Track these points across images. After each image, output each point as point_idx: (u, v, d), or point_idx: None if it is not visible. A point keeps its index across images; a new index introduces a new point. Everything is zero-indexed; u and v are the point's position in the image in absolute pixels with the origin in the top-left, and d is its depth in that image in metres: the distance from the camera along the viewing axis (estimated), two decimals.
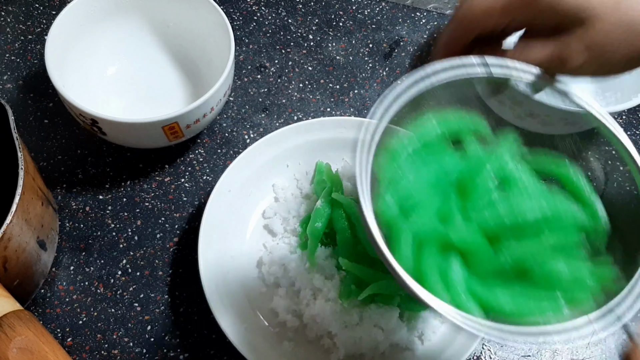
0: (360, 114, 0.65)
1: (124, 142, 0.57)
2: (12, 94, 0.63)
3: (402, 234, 0.34)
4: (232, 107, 0.64)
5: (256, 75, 0.67)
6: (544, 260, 0.35)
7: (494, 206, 0.35)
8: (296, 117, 0.64)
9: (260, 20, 0.71)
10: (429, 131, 0.38)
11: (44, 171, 0.59)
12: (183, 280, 0.55)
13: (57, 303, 0.53)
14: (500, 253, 0.35)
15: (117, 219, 0.57)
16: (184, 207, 0.58)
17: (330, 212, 0.53)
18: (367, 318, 0.51)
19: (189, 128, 0.55)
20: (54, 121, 0.62)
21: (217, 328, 0.49)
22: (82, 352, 0.52)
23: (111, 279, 0.55)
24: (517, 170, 0.37)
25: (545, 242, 0.35)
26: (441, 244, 0.35)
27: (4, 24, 0.68)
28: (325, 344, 0.51)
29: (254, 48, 0.68)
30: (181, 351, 0.52)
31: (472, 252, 0.35)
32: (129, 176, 0.60)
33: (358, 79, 0.67)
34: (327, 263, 0.53)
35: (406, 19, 0.72)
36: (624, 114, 0.66)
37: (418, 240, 0.34)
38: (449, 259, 0.35)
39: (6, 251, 0.44)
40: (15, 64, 0.65)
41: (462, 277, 0.34)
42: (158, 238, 0.57)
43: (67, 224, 0.57)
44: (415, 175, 0.36)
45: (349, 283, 0.51)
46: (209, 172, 0.60)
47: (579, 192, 0.39)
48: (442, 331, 0.51)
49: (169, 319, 0.53)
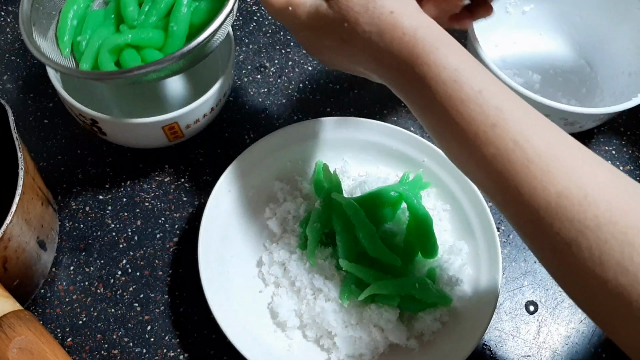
0: (361, 114, 0.65)
1: (124, 142, 0.57)
2: (12, 94, 0.63)
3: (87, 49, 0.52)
4: (232, 107, 0.64)
5: (256, 75, 0.67)
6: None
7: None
8: (296, 117, 0.64)
9: (260, 20, 0.71)
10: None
11: (44, 171, 0.59)
12: (183, 280, 0.55)
13: (57, 303, 0.53)
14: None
15: (117, 219, 0.58)
16: (184, 207, 0.58)
17: (329, 212, 0.53)
18: (367, 318, 0.51)
19: (189, 128, 0.55)
20: (54, 121, 0.62)
21: (217, 328, 0.49)
22: (82, 352, 0.52)
23: (111, 279, 0.55)
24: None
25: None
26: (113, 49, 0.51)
27: (4, 24, 0.68)
28: (325, 344, 0.51)
29: (254, 48, 0.68)
30: (181, 351, 0.52)
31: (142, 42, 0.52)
32: (129, 176, 0.60)
33: (358, 79, 0.67)
34: (327, 263, 0.53)
35: None
36: (624, 114, 0.66)
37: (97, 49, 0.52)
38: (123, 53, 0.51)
39: (6, 251, 0.45)
40: (15, 64, 0.65)
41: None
42: (158, 238, 0.57)
43: (67, 224, 0.57)
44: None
45: (349, 283, 0.51)
46: (209, 172, 0.60)
47: None
48: (442, 331, 0.51)
49: (169, 319, 0.53)
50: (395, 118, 0.65)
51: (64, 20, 0.53)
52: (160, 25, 0.54)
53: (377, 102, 0.66)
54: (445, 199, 0.57)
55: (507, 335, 0.54)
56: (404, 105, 0.65)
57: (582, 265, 0.33)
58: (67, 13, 0.54)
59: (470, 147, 0.36)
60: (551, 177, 0.34)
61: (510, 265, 0.57)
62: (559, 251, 0.34)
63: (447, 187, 0.57)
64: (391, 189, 0.54)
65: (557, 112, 0.55)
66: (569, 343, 0.54)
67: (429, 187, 0.57)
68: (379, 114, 0.65)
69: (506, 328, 0.55)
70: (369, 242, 0.51)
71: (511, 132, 0.35)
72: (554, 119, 0.57)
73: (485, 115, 0.35)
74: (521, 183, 0.34)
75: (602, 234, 0.32)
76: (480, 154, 0.36)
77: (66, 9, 0.54)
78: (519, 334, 0.54)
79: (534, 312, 0.55)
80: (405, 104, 0.42)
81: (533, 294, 0.56)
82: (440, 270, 0.53)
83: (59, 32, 0.53)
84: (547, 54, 0.68)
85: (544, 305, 0.56)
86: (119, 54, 0.52)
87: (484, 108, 0.36)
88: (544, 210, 0.34)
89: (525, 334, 0.54)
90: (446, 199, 0.57)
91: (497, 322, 0.55)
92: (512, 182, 0.35)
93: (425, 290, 0.50)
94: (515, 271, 0.57)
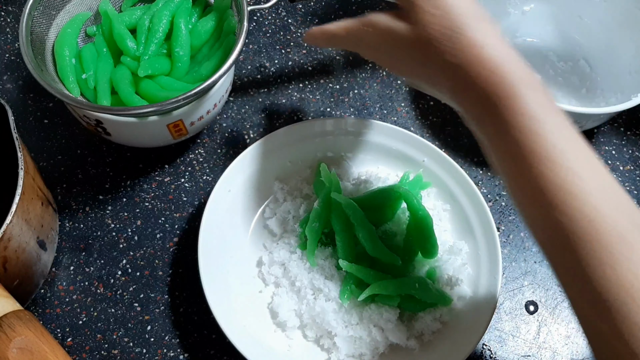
0: (360, 114, 0.65)
1: (127, 142, 0.57)
2: (12, 94, 0.63)
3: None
4: (232, 107, 0.64)
5: (256, 75, 0.67)
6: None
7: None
8: (296, 117, 0.64)
9: (260, 20, 0.71)
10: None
11: (44, 171, 0.59)
12: (183, 280, 0.55)
13: (57, 303, 0.53)
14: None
15: (117, 219, 0.58)
16: (184, 207, 0.58)
17: (329, 212, 0.53)
18: (367, 318, 0.51)
19: (193, 125, 0.55)
20: (54, 121, 0.62)
21: (217, 328, 0.49)
22: (82, 352, 0.52)
23: (111, 279, 0.55)
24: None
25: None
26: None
27: (4, 24, 0.68)
28: (325, 344, 0.51)
29: (254, 48, 0.68)
30: (181, 351, 0.52)
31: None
32: (129, 176, 0.60)
33: (358, 79, 0.67)
34: (327, 263, 0.53)
35: None
36: (624, 114, 0.66)
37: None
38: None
39: (6, 251, 0.44)
40: (15, 64, 0.65)
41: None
42: (158, 238, 0.57)
43: (67, 224, 0.57)
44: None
45: (349, 283, 0.51)
46: (209, 172, 0.60)
47: None
48: (442, 331, 0.51)
49: (169, 319, 0.53)
50: (395, 118, 0.65)
51: (62, 60, 0.55)
52: (161, 52, 0.57)
53: (377, 102, 0.66)
54: (445, 199, 0.57)
55: (507, 335, 0.54)
56: (404, 105, 0.65)
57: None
58: (63, 52, 0.55)
59: (540, 206, 0.34)
60: (618, 266, 0.32)
61: (510, 265, 0.57)
62: (605, 321, 0.33)
63: (447, 187, 0.57)
64: (391, 189, 0.54)
65: None
66: (569, 343, 0.54)
67: (429, 187, 0.57)
68: (379, 114, 0.65)
69: (506, 328, 0.55)
70: (368, 242, 0.51)
71: (587, 206, 0.33)
72: None
73: (562, 180, 0.33)
74: (587, 262, 0.33)
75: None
76: (549, 215, 0.34)
77: (60, 48, 0.55)
78: (519, 334, 0.54)
79: (534, 312, 0.55)
80: (474, 133, 0.40)
81: (533, 294, 0.56)
82: (440, 270, 0.53)
83: (61, 73, 0.55)
84: (547, 53, 0.69)
85: (544, 305, 0.56)
86: (137, 85, 0.56)
87: (561, 170, 0.34)
88: (605, 298, 0.32)
89: (525, 334, 0.54)
90: (446, 199, 0.57)
91: (497, 322, 0.55)
92: (577, 256, 0.33)
93: (425, 290, 0.50)
94: (515, 271, 0.57)
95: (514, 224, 0.59)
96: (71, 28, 0.56)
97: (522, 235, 0.59)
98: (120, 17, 0.57)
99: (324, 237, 0.54)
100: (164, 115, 0.52)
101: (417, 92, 0.66)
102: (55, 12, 0.56)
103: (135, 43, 0.56)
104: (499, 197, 0.61)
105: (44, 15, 0.55)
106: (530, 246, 0.58)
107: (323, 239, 0.54)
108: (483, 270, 0.53)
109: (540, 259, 0.58)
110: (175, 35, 0.56)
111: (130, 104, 0.54)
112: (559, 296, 0.56)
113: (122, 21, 0.57)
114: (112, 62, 0.57)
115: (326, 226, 0.53)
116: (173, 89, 0.55)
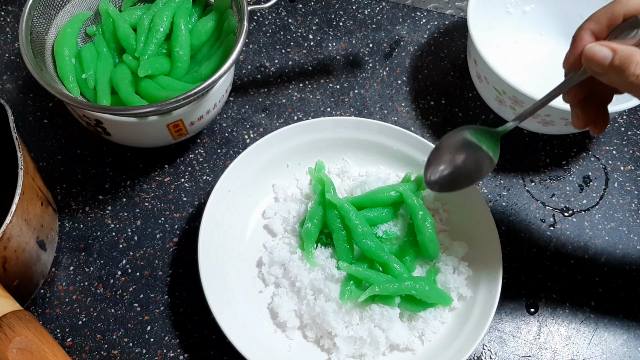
0: (361, 114, 0.65)
1: (127, 142, 0.57)
2: (12, 94, 0.63)
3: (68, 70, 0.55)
4: (232, 107, 0.64)
5: (256, 75, 0.67)
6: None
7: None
8: (296, 117, 0.64)
9: (260, 20, 0.71)
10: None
11: (44, 171, 0.59)
12: (183, 280, 0.55)
13: (56, 303, 0.53)
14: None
15: (117, 219, 0.57)
16: (184, 207, 0.58)
17: (324, 213, 0.53)
18: (367, 318, 0.51)
19: (193, 125, 0.55)
20: (54, 121, 0.62)
21: (217, 328, 0.49)
22: (82, 353, 0.51)
23: (111, 279, 0.55)
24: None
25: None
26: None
27: (4, 24, 0.68)
28: (325, 344, 0.51)
29: (254, 48, 0.68)
30: (181, 351, 0.52)
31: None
32: (129, 176, 0.60)
33: (358, 78, 0.67)
34: (327, 263, 0.53)
35: (406, 19, 0.72)
36: (624, 114, 0.66)
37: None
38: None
39: (6, 251, 0.44)
40: (15, 64, 0.65)
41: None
42: (158, 238, 0.57)
43: (67, 224, 0.57)
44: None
45: (349, 283, 0.51)
46: (209, 172, 0.60)
47: None
48: (442, 331, 0.51)
49: (169, 319, 0.53)
50: (395, 118, 0.65)
51: (62, 60, 0.55)
52: (160, 52, 0.57)
53: (377, 102, 0.66)
54: (445, 199, 0.57)
55: (507, 335, 0.54)
56: (404, 105, 0.65)
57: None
58: (63, 52, 0.55)
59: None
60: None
61: (511, 266, 0.57)
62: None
63: None
64: (391, 188, 0.54)
65: (557, 112, 0.55)
66: (570, 343, 0.54)
67: None
68: (379, 114, 0.65)
69: (506, 328, 0.55)
70: (362, 245, 0.51)
71: None
72: (555, 118, 0.57)
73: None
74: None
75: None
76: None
77: (59, 48, 0.55)
78: (520, 334, 0.54)
79: (534, 313, 0.55)
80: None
81: (534, 295, 0.56)
82: (440, 271, 0.53)
83: (61, 73, 0.55)
84: (548, 53, 0.68)
85: (544, 305, 0.56)
86: (137, 85, 0.56)
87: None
88: None
89: (525, 334, 0.54)
90: (446, 199, 0.57)
91: (497, 322, 0.55)
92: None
93: (425, 290, 0.50)
94: (516, 271, 0.57)
95: (515, 224, 0.59)
96: (71, 28, 0.56)
97: (523, 236, 0.59)
98: (120, 16, 0.57)
99: (324, 237, 0.54)
100: (164, 115, 0.52)
101: (417, 92, 0.66)
102: (55, 12, 0.56)
103: (136, 43, 0.56)
104: (500, 197, 0.61)
105: (43, 15, 0.55)
106: (531, 246, 0.58)
107: (323, 240, 0.54)
108: (483, 271, 0.53)
109: (540, 259, 0.58)
110: (175, 35, 0.56)
111: (130, 104, 0.54)
112: (559, 296, 0.56)
113: (124, 20, 0.57)
114: (112, 62, 0.57)
115: (326, 227, 0.53)
116: (173, 89, 0.55)
